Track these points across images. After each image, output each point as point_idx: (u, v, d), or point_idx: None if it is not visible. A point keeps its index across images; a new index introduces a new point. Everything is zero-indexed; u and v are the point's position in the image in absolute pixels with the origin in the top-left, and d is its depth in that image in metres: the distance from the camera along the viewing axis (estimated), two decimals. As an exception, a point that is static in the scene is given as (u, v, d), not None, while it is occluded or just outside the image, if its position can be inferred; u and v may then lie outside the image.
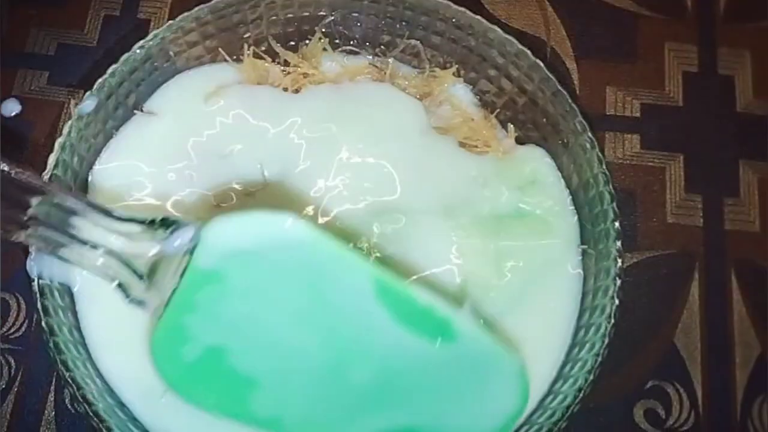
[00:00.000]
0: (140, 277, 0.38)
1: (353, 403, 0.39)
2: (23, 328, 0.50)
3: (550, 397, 0.41)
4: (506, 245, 0.45)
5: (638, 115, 0.56)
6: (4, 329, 0.50)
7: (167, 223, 0.38)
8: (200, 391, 0.39)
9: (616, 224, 0.43)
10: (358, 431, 0.39)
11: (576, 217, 0.46)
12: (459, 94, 0.49)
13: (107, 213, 0.38)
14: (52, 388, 0.49)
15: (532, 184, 0.46)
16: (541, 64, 0.46)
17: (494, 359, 0.40)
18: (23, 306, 0.51)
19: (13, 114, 0.56)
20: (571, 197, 0.46)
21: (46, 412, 0.48)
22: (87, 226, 0.38)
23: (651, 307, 0.51)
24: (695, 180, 0.54)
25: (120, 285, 0.39)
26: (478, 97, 0.49)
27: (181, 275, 0.37)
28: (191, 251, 0.37)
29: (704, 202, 0.53)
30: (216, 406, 0.39)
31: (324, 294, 0.38)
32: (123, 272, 0.38)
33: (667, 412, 0.48)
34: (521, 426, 0.41)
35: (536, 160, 0.47)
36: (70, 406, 0.48)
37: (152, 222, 0.38)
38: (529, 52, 0.46)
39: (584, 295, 0.44)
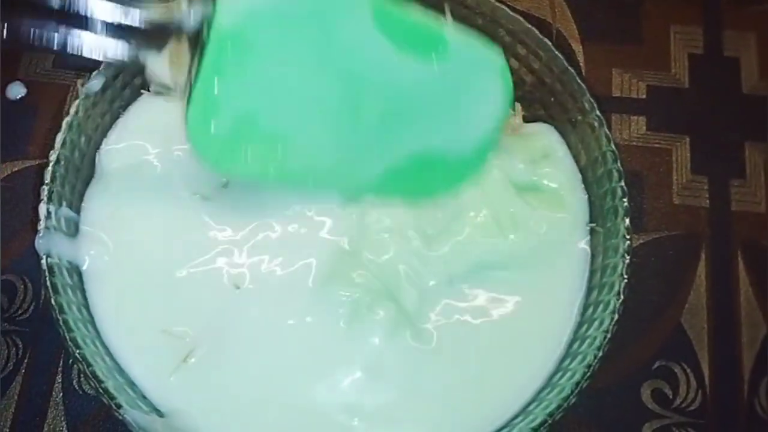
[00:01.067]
0: (162, 64, 0.37)
1: (369, 137, 0.42)
2: (30, 310, 0.50)
3: (559, 374, 0.41)
4: (518, 210, 0.45)
5: (644, 96, 0.56)
6: (11, 311, 0.50)
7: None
8: (238, 160, 0.39)
9: (625, 202, 0.43)
10: (378, 164, 0.42)
11: (585, 194, 0.46)
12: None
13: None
14: (60, 369, 0.49)
15: (544, 158, 0.46)
16: (549, 42, 0.46)
17: (482, 63, 0.43)
18: (30, 288, 0.51)
19: (19, 97, 0.56)
20: (579, 176, 0.46)
21: (53, 393, 0.48)
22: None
23: (658, 288, 0.51)
24: (701, 161, 0.54)
25: (142, 72, 0.38)
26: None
27: (203, 48, 0.36)
28: (208, 21, 0.36)
29: (710, 184, 0.53)
30: (253, 171, 0.40)
31: (331, 35, 0.38)
32: (145, 58, 0.37)
33: (674, 392, 0.48)
34: (530, 402, 0.41)
35: (546, 136, 0.47)
36: (77, 388, 0.48)
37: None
38: (536, 30, 0.46)
39: (593, 273, 0.44)
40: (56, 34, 0.35)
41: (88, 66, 0.55)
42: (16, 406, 0.48)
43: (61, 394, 0.48)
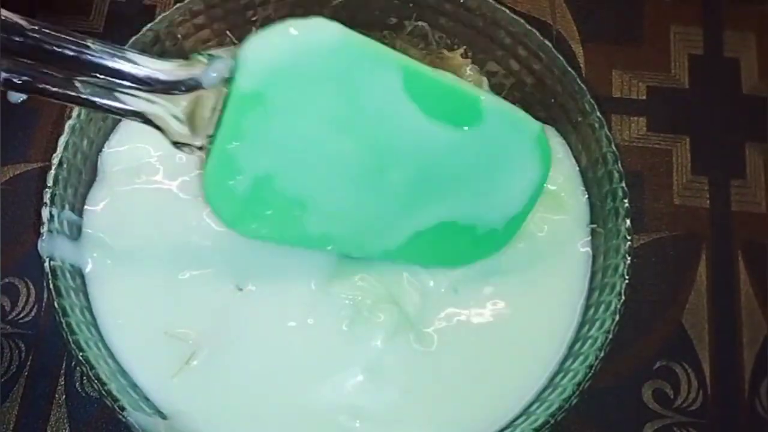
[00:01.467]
0: (180, 120, 0.36)
1: (395, 205, 0.41)
2: (33, 313, 0.50)
3: (561, 375, 0.42)
4: None
5: (644, 97, 0.56)
6: (14, 314, 0.50)
7: (204, 57, 0.36)
8: (255, 222, 0.39)
9: (626, 203, 0.43)
10: (403, 232, 0.41)
11: (586, 196, 0.46)
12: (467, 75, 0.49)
13: (143, 53, 0.36)
14: (63, 372, 0.49)
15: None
16: (549, 44, 0.46)
17: (518, 131, 0.41)
18: (33, 290, 0.51)
19: (20, 101, 0.56)
20: (580, 177, 0.46)
21: (56, 396, 0.48)
22: (124, 68, 0.35)
23: (658, 288, 0.51)
24: (701, 162, 0.54)
25: (160, 129, 0.37)
26: (487, 78, 0.49)
27: (223, 107, 0.35)
28: (229, 80, 0.35)
29: (711, 184, 0.53)
30: (271, 234, 0.40)
31: (357, 98, 0.37)
32: (162, 114, 0.36)
33: (675, 392, 0.48)
34: (532, 403, 0.41)
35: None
36: (80, 390, 0.48)
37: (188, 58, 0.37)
38: (537, 32, 0.46)
39: (594, 274, 0.44)
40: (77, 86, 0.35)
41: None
42: (18, 409, 0.48)
43: (64, 396, 0.48)
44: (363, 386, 0.42)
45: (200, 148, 0.37)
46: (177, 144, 0.37)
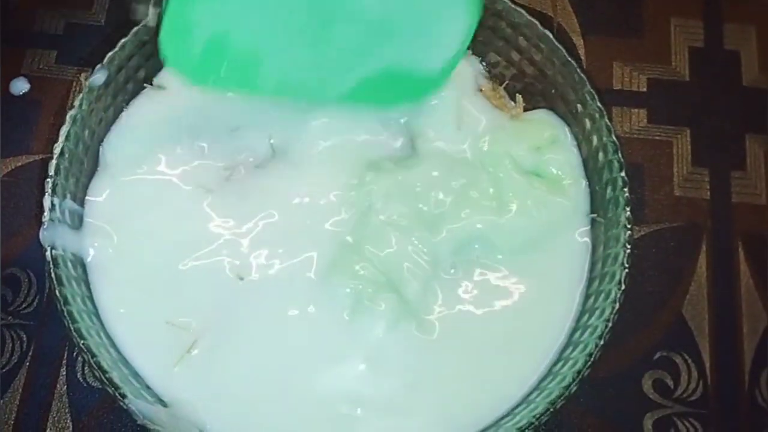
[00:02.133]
0: None
1: (343, 52, 0.44)
2: (35, 304, 0.50)
3: (561, 363, 0.42)
4: (519, 189, 0.45)
5: (645, 89, 0.56)
6: (16, 304, 0.50)
7: None
8: (214, 74, 0.43)
9: (626, 192, 0.43)
10: (352, 76, 0.45)
11: (586, 183, 0.46)
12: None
13: None
14: (64, 362, 0.49)
15: (549, 145, 0.46)
16: (550, 34, 0.46)
17: None
18: (34, 281, 0.51)
19: (22, 93, 0.56)
20: (581, 164, 0.46)
21: (58, 386, 0.48)
22: None
23: (659, 279, 0.51)
24: (702, 153, 0.54)
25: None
26: (487, 69, 0.50)
27: None
28: None
29: (711, 176, 0.54)
30: (228, 84, 0.44)
31: None
32: None
33: (675, 382, 0.49)
34: (532, 391, 0.41)
35: (551, 122, 0.47)
36: (82, 380, 0.48)
37: None
38: (537, 23, 0.46)
39: (594, 263, 0.44)
40: None
41: (92, 61, 0.55)
42: (20, 399, 0.48)
43: (66, 386, 0.48)
44: (364, 375, 0.42)
45: (155, 6, 0.40)
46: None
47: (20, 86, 0.56)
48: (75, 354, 0.49)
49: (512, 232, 0.45)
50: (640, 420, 0.48)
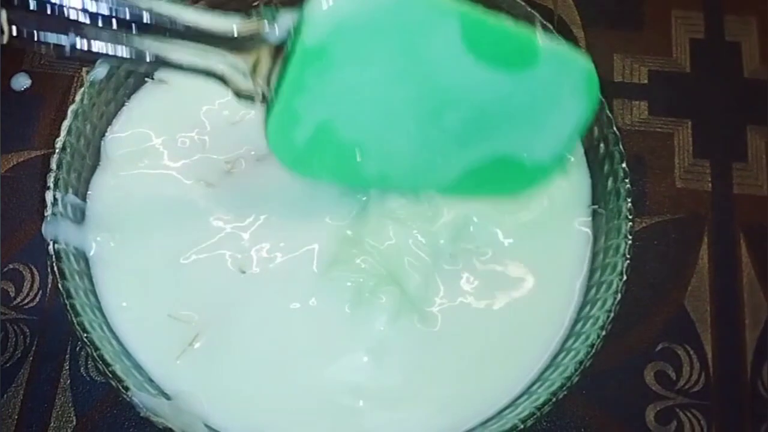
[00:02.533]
0: (243, 74, 0.38)
1: (449, 145, 0.42)
2: (37, 299, 0.51)
3: (563, 354, 0.42)
4: None
5: (646, 81, 0.56)
6: (19, 299, 0.50)
7: (269, 13, 0.38)
8: (316, 165, 0.42)
9: (627, 183, 0.43)
10: (456, 168, 0.43)
11: (588, 173, 0.46)
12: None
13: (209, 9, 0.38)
14: (68, 356, 0.49)
15: None
16: (550, 25, 0.46)
17: (570, 70, 0.42)
18: (37, 276, 0.51)
19: (23, 88, 0.56)
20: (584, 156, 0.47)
21: (61, 380, 0.49)
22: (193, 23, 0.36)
23: (661, 271, 0.51)
24: (703, 145, 0.54)
25: (225, 82, 0.38)
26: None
27: (287, 61, 0.37)
28: (292, 35, 0.37)
29: (712, 167, 0.54)
30: (331, 175, 0.43)
31: (417, 49, 0.39)
32: (226, 69, 0.38)
33: (677, 374, 0.49)
34: (534, 382, 0.41)
35: None
36: (85, 374, 0.49)
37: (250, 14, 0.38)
38: (538, 14, 0.46)
39: (595, 254, 0.44)
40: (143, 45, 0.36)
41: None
42: (24, 393, 0.48)
43: (69, 380, 0.48)
44: (366, 367, 0.42)
45: (262, 100, 0.38)
46: (239, 96, 0.38)
47: (22, 82, 0.56)
48: (78, 348, 0.49)
49: (511, 212, 0.45)
50: (642, 411, 0.48)
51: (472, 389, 0.42)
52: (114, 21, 0.34)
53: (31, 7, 0.33)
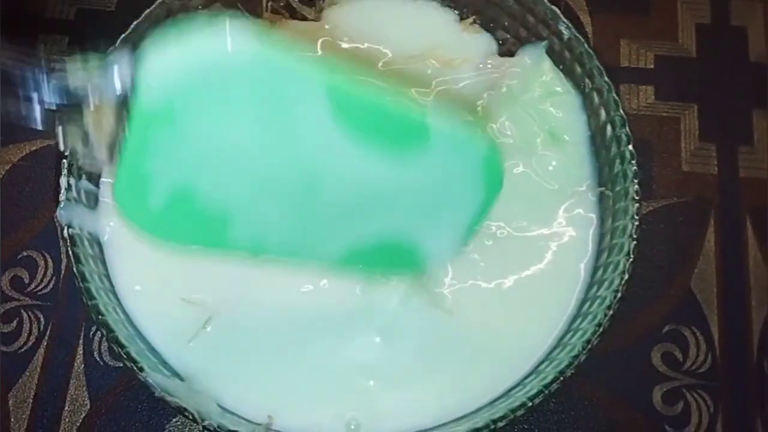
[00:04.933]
0: (85, 133, 0.35)
1: (329, 219, 0.39)
2: (51, 285, 0.51)
3: (570, 334, 0.42)
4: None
5: (652, 66, 0.56)
6: (33, 286, 0.51)
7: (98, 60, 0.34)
8: (177, 232, 0.38)
9: (634, 165, 0.43)
10: (338, 246, 0.40)
11: (590, 145, 0.47)
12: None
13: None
14: (81, 341, 0.50)
15: (549, 95, 0.47)
16: (557, 10, 0.46)
17: (464, 154, 0.39)
18: (50, 263, 0.52)
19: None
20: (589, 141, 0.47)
21: (75, 364, 0.49)
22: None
23: (667, 254, 0.51)
24: (709, 129, 0.54)
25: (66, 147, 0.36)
26: (500, 44, 0.50)
27: (126, 120, 0.34)
28: (130, 92, 0.33)
29: (718, 151, 0.54)
30: (196, 242, 0.39)
31: (280, 116, 0.35)
32: (67, 128, 0.35)
33: (684, 355, 0.49)
34: (542, 362, 0.42)
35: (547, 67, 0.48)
36: (99, 359, 0.49)
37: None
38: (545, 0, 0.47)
39: (602, 236, 0.45)
40: None
41: (101, 46, 0.56)
42: (38, 378, 0.49)
43: (83, 365, 0.49)
44: (378, 348, 0.43)
45: (110, 159, 0.36)
46: (84, 160, 0.37)
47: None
48: (92, 334, 0.50)
49: (519, 196, 0.45)
50: (649, 392, 0.48)
51: (481, 369, 0.43)
52: None
53: None
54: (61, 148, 0.36)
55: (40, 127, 0.35)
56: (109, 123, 0.35)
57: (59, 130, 0.35)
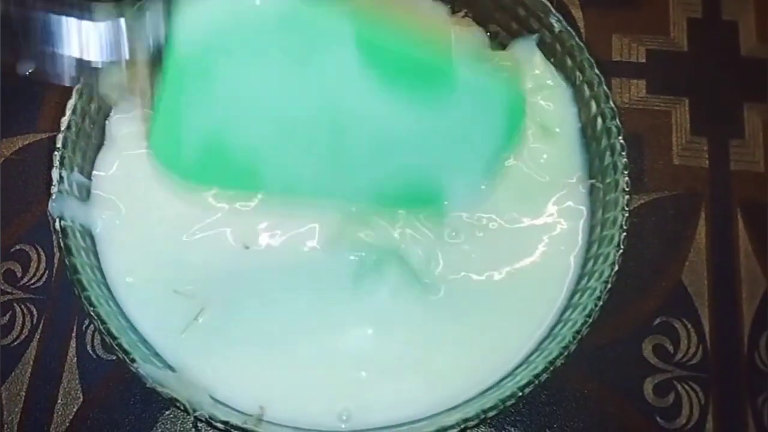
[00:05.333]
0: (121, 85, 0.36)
1: (356, 160, 0.40)
2: (44, 278, 0.51)
3: (560, 325, 0.42)
4: None
5: (644, 60, 0.56)
6: (26, 279, 0.51)
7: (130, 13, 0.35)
8: (212, 177, 0.40)
9: (624, 157, 0.43)
10: (363, 185, 0.42)
11: (580, 136, 0.47)
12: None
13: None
14: (74, 335, 0.50)
15: (540, 88, 0.47)
16: (548, 3, 0.47)
17: (490, 95, 0.41)
18: (43, 257, 0.52)
19: (28, 72, 0.56)
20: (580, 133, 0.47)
21: (68, 358, 0.49)
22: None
23: (658, 247, 0.51)
24: (701, 123, 0.55)
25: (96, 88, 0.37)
26: (491, 38, 0.50)
27: (161, 71, 0.35)
28: (163, 44, 0.35)
29: (710, 144, 0.54)
30: (230, 186, 0.41)
31: (309, 63, 0.37)
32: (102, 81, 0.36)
33: (675, 347, 0.49)
34: (532, 353, 0.42)
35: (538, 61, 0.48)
36: (91, 352, 0.49)
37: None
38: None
39: (592, 228, 0.45)
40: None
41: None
42: (31, 371, 0.49)
43: (76, 358, 0.49)
44: (370, 339, 0.43)
45: (145, 106, 0.37)
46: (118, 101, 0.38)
47: (26, 65, 0.56)
48: (84, 327, 0.50)
49: (510, 188, 0.45)
50: (640, 384, 0.48)
51: (472, 360, 0.43)
52: None
53: None
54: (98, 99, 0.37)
55: (72, 83, 0.37)
56: (144, 74, 0.36)
57: (94, 82, 0.36)
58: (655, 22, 0.57)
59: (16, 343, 0.50)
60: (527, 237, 0.45)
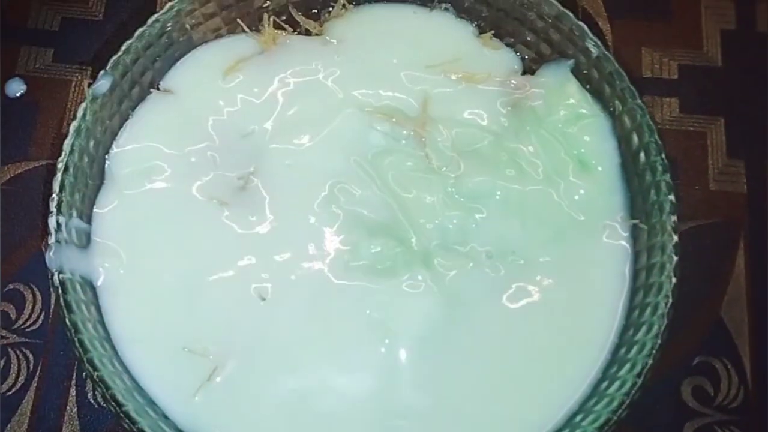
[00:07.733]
0: None
1: None
2: (40, 320, 0.48)
3: (606, 383, 0.40)
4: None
5: (676, 77, 0.53)
6: (20, 322, 0.48)
7: None
8: None
9: (671, 197, 0.41)
10: None
11: (621, 173, 0.44)
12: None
13: None
14: (73, 382, 0.47)
15: (576, 118, 0.45)
16: (585, 26, 0.43)
17: None
18: (39, 297, 0.48)
19: (18, 94, 0.53)
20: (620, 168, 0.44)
21: (68, 407, 0.46)
22: None
23: (695, 280, 0.48)
24: (737, 144, 0.52)
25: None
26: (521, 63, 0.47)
27: None
28: None
29: (747, 167, 0.51)
30: None
31: None
32: None
33: (715, 389, 0.47)
34: (575, 414, 0.39)
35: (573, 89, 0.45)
36: (92, 401, 0.46)
37: None
38: (570, 14, 0.43)
39: (637, 272, 0.42)
40: None
41: (91, 60, 0.52)
42: (28, 423, 0.46)
43: (76, 408, 0.46)
44: (390, 393, 0.40)
45: None
46: None
47: (16, 87, 0.53)
48: (85, 374, 0.46)
49: (535, 209, 0.43)
50: (679, 430, 0.46)
51: (508, 413, 0.40)
52: None
53: None
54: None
55: None
56: None
57: None
58: (686, 35, 0.54)
59: (11, 392, 0.47)
60: (567, 280, 0.42)
